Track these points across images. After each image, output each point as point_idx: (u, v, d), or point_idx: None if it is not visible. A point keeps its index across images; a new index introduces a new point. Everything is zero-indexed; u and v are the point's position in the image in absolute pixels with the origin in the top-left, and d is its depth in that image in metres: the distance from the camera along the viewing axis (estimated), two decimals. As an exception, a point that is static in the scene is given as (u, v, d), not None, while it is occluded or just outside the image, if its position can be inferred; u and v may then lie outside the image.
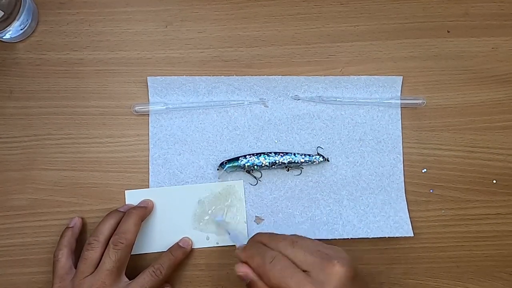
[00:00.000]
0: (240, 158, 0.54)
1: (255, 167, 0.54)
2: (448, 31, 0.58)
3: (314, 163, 0.55)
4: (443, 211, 0.56)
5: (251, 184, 0.56)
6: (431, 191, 0.56)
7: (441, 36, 0.58)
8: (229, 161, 0.54)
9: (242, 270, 0.45)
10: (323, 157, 0.55)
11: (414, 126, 0.57)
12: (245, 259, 0.46)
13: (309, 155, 0.55)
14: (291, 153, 0.55)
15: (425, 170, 0.57)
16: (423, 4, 0.58)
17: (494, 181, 0.57)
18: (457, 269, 0.56)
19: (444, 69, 0.57)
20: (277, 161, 0.54)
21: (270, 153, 0.55)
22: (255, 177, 0.55)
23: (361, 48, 0.57)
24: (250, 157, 0.54)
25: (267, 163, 0.54)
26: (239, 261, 0.46)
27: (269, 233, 0.48)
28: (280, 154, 0.55)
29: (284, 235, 0.47)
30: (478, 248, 0.56)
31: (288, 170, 0.55)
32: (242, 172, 0.55)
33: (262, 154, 0.55)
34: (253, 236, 0.48)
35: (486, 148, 0.57)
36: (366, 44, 0.57)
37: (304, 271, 0.42)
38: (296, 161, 0.55)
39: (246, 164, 0.54)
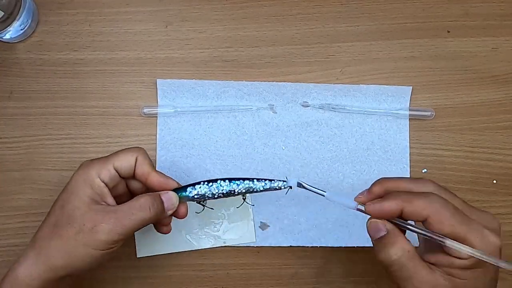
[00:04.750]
0: (188, 188, 0.45)
1: (207, 196, 0.45)
2: (448, 31, 0.58)
3: (278, 190, 0.46)
4: (443, 211, 0.56)
5: (196, 212, 0.48)
6: (431, 191, 0.56)
7: (441, 36, 0.58)
8: (178, 190, 0.46)
9: (380, 221, 0.39)
10: (287, 182, 0.45)
11: (414, 126, 0.57)
12: (397, 207, 0.39)
13: (271, 180, 0.45)
14: (250, 179, 0.45)
15: (425, 170, 0.57)
16: (423, 4, 0.58)
17: (494, 181, 0.57)
18: (457, 269, 0.56)
19: (444, 69, 0.57)
20: (233, 191, 0.45)
21: (225, 180, 0.45)
22: (203, 205, 0.47)
23: (361, 48, 0.57)
24: (201, 186, 0.45)
25: (223, 192, 0.45)
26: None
27: (399, 178, 0.42)
28: (237, 181, 0.45)
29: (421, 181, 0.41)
30: (478, 248, 0.56)
31: (244, 199, 0.47)
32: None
33: (215, 182, 0.45)
34: (379, 184, 0.42)
35: (486, 148, 0.57)
36: (366, 44, 0.57)
37: None
38: (255, 189, 0.45)
39: (195, 196, 0.45)
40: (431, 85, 0.57)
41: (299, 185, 0.44)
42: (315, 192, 0.43)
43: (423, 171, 0.57)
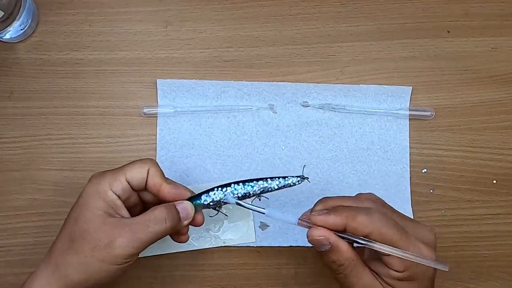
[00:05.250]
0: (202, 196, 0.45)
1: (222, 202, 0.45)
2: (448, 31, 0.58)
3: (292, 186, 0.45)
4: (443, 211, 0.56)
5: (210, 216, 0.47)
6: (431, 191, 0.56)
7: (441, 36, 0.58)
8: (192, 198, 0.45)
9: (321, 233, 0.40)
10: (302, 177, 0.45)
11: (414, 126, 0.57)
12: (341, 222, 0.40)
13: (284, 177, 0.45)
14: (264, 178, 0.45)
15: (425, 170, 0.57)
16: (423, 4, 0.58)
17: (494, 181, 0.57)
18: (457, 269, 0.56)
19: (444, 69, 0.57)
20: (248, 193, 0.45)
21: (238, 183, 0.45)
22: (217, 210, 0.46)
23: (361, 48, 0.57)
24: (215, 192, 0.45)
25: (238, 196, 0.45)
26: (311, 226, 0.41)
27: (340, 197, 0.44)
28: (251, 182, 0.45)
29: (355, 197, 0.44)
30: (478, 248, 0.56)
31: (260, 200, 0.46)
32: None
33: (229, 186, 0.44)
34: (322, 203, 0.44)
35: (486, 148, 0.57)
36: (366, 44, 0.57)
37: None
38: (270, 188, 0.45)
39: (210, 203, 0.44)
40: (431, 85, 0.57)
41: (238, 204, 0.44)
42: (254, 210, 0.43)
43: (423, 171, 0.57)
